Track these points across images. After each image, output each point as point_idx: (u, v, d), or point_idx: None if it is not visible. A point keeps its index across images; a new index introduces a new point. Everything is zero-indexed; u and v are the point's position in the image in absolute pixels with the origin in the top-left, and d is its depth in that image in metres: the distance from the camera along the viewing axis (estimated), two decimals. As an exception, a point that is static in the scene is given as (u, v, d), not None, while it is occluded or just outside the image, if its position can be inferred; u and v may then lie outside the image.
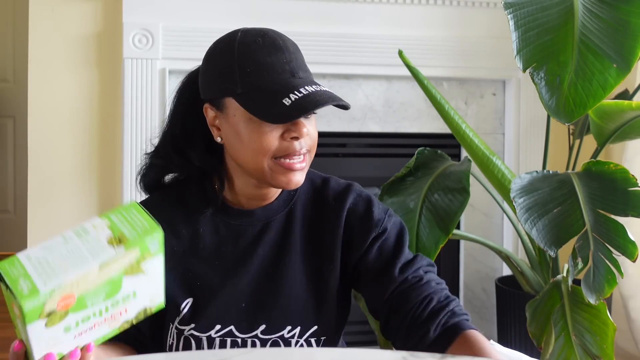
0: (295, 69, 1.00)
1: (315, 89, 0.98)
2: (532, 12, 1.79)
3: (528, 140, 2.73)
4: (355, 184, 1.14)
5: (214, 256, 1.07)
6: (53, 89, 2.50)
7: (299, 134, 0.99)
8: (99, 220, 0.81)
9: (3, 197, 4.34)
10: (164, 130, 1.11)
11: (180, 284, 1.06)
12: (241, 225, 1.08)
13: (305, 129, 0.99)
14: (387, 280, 1.06)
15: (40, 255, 0.76)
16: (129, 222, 0.81)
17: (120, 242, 0.78)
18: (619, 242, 1.58)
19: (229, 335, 1.05)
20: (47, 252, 0.77)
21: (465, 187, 1.90)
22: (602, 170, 1.76)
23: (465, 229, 2.74)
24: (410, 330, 1.02)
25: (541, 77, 1.74)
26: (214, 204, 1.07)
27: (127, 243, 0.78)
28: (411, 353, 0.79)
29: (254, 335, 1.05)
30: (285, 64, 1.00)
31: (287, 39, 1.04)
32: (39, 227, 2.51)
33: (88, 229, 0.80)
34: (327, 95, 0.97)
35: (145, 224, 0.81)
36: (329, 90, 0.99)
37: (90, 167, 2.53)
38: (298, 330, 1.06)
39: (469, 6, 2.68)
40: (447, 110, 2.06)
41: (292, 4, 2.55)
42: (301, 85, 0.98)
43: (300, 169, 1.01)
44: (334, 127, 2.61)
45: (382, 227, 1.09)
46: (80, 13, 2.49)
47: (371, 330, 2.13)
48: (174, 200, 1.10)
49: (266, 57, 0.99)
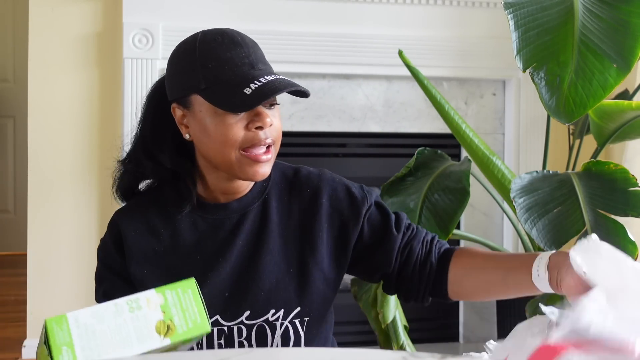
0: (255, 61, 1.05)
1: (274, 78, 1.03)
2: (532, 12, 1.78)
3: (528, 140, 2.73)
4: (324, 170, 1.19)
5: (195, 251, 1.11)
6: (53, 89, 2.50)
7: (262, 124, 1.03)
8: (154, 295, 0.79)
9: (3, 197, 4.34)
10: (135, 136, 1.16)
11: (163, 280, 1.08)
12: (218, 219, 1.12)
13: (268, 119, 1.03)
14: (392, 241, 1.13)
15: (89, 323, 0.75)
16: (182, 309, 0.79)
17: (168, 331, 0.77)
18: (619, 242, 1.58)
19: (215, 325, 1.08)
20: (96, 321, 0.75)
21: (465, 187, 1.90)
22: (602, 170, 1.76)
23: (465, 229, 2.74)
24: (420, 271, 1.12)
25: (541, 77, 1.74)
26: (189, 202, 1.10)
27: (173, 336, 0.77)
28: (411, 353, 0.79)
29: (240, 322, 1.08)
30: (245, 58, 1.04)
31: (245, 36, 1.08)
32: (39, 227, 2.52)
33: (142, 303, 0.78)
34: (285, 82, 1.02)
35: (197, 317, 0.80)
36: (287, 78, 1.04)
37: (90, 167, 2.53)
38: (282, 313, 1.09)
39: (469, 6, 2.68)
40: (447, 110, 2.06)
41: (292, 4, 2.55)
42: (261, 76, 1.02)
43: (266, 160, 1.05)
44: (334, 127, 2.61)
45: (368, 203, 1.15)
46: (80, 13, 2.49)
47: (371, 330, 2.13)
48: (150, 203, 1.14)
49: (226, 52, 1.04)
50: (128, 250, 1.11)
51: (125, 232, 1.12)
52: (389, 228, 1.14)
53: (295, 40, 2.53)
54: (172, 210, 1.11)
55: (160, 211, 1.12)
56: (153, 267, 1.10)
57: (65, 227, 2.53)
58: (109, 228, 1.16)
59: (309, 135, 2.65)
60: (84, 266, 2.54)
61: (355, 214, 1.13)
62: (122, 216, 1.14)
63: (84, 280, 2.54)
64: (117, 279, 1.12)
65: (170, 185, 1.12)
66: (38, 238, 2.52)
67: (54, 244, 2.53)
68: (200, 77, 1.03)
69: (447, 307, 2.84)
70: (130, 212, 1.15)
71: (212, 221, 1.12)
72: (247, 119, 1.03)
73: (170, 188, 1.12)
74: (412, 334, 2.16)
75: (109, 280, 1.13)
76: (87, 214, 2.53)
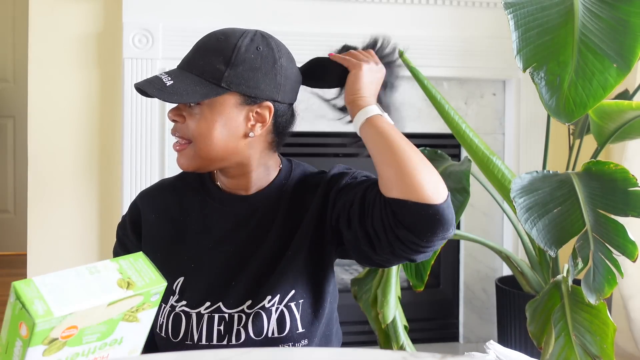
0: (182, 62, 1.12)
1: (154, 77, 1.09)
2: (532, 12, 1.78)
3: (528, 140, 2.73)
4: (335, 167, 1.21)
5: (206, 238, 1.15)
6: (53, 89, 2.50)
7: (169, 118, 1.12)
8: (109, 263, 0.85)
9: (3, 197, 4.34)
10: None
11: (173, 264, 1.14)
12: (231, 210, 1.16)
13: (172, 113, 1.11)
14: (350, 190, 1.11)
15: (55, 283, 0.79)
16: (137, 270, 0.85)
17: (129, 286, 0.82)
18: (619, 242, 1.58)
19: (217, 312, 1.10)
20: (61, 281, 0.80)
21: (465, 187, 1.90)
22: (602, 170, 1.76)
23: (465, 229, 2.74)
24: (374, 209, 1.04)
25: (541, 77, 1.74)
26: (206, 188, 1.18)
27: (134, 288, 0.82)
28: (411, 353, 0.79)
29: (240, 310, 1.10)
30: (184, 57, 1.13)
31: (218, 36, 1.11)
32: (39, 227, 2.52)
33: (99, 267, 0.83)
34: (147, 81, 1.08)
35: (151, 275, 0.85)
36: (162, 80, 1.08)
37: (90, 167, 2.53)
38: (277, 298, 1.11)
39: (469, 6, 2.68)
40: (447, 110, 2.05)
41: (291, 4, 2.55)
42: (162, 72, 1.10)
43: (178, 150, 1.11)
44: (334, 127, 2.60)
45: (330, 177, 1.16)
46: (80, 13, 2.49)
47: (371, 330, 2.13)
48: (172, 188, 1.21)
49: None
50: (145, 232, 1.18)
51: (146, 213, 1.19)
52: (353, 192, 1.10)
53: (295, 40, 2.52)
54: (190, 195, 1.18)
55: (180, 195, 1.19)
56: (164, 251, 1.15)
57: (65, 227, 2.53)
58: (130, 207, 1.22)
59: (309, 135, 2.65)
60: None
61: (327, 193, 1.14)
62: (145, 197, 1.21)
63: (84, 280, 2.54)
64: None
65: (198, 173, 1.19)
66: (38, 238, 2.52)
67: (54, 244, 2.53)
68: None
69: (447, 307, 2.84)
70: (153, 194, 1.21)
71: (226, 211, 1.16)
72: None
73: (197, 175, 1.19)
74: (412, 334, 2.16)
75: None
76: (87, 214, 2.53)
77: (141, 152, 2.46)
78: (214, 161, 1.11)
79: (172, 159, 2.48)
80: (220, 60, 1.07)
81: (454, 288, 2.82)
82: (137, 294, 0.82)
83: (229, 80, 1.07)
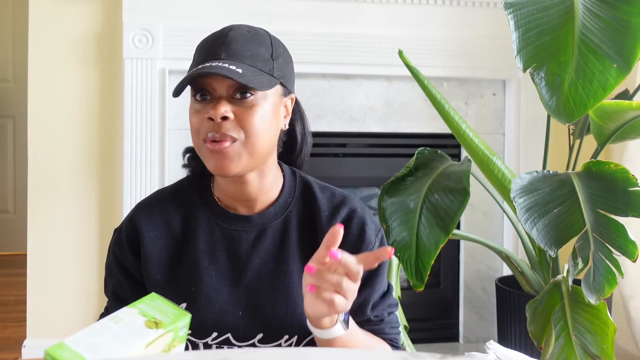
0: (220, 52, 1.00)
1: (217, 64, 0.97)
2: (532, 12, 1.78)
3: (528, 140, 2.73)
4: (351, 196, 1.13)
5: (209, 260, 1.07)
6: (53, 89, 2.50)
7: (213, 115, 0.98)
8: (129, 310, 0.83)
9: (3, 197, 4.34)
10: None
11: (174, 287, 1.07)
12: (236, 230, 1.08)
13: (223, 109, 0.98)
14: (360, 313, 1.08)
15: (87, 340, 0.77)
16: (159, 310, 0.84)
17: (157, 325, 0.81)
18: (619, 242, 1.58)
19: (226, 343, 1.05)
20: (92, 337, 0.78)
21: (465, 187, 1.90)
22: (603, 170, 1.76)
23: (465, 229, 2.74)
24: None
25: (541, 77, 1.74)
26: (205, 203, 1.10)
27: (163, 326, 0.81)
28: (411, 353, 0.79)
29: (251, 343, 1.05)
30: (215, 48, 1.00)
31: (247, 32, 1.04)
32: (39, 227, 2.52)
33: (121, 316, 0.82)
34: (218, 68, 0.96)
35: (174, 310, 0.84)
36: (234, 69, 0.97)
37: (90, 167, 2.53)
38: (295, 340, 1.05)
39: (469, 6, 2.68)
40: (447, 110, 2.05)
41: (292, 4, 2.55)
42: (208, 62, 0.98)
43: (218, 150, 0.98)
44: (334, 127, 2.61)
45: (374, 248, 1.09)
46: (80, 13, 2.49)
47: (371, 330, 2.12)
48: (172, 201, 1.12)
49: (204, 43, 1.04)
50: (145, 252, 1.08)
51: (144, 232, 1.08)
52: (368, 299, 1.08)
53: (295, 40, 2.52)
54: (191, 210, 1.09)
55: (180, 211, 1.10)
56: (168, 274, 1.08)
57: (65, 227, 2.53)
58: (128, 222, 1.11)
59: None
60: (84, 266, 2.54)
61: (352, 248, 1.03)
62: (143, 212, 1.10)
63: (84, 280, 2.54)
64: (126, 280, 1.10)
65: (192, 183, 1.12)
66: (38, 238, 2.52)
67: (54, 244, 2.53)
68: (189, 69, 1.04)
69: (447, 307, 2.84)
70: (151, 209, 1.10)
71: (228, 231, 1.08)
72: (208, 108, 0.99)
73: (192, 186, 1.12)
74: (412, 334, 2.16)
75: (117, 279, 1.11)
76: (87, 213, 2.53)
77: (141, 152, 2.46)
78: (262, 158, 1.03)
79: (172, 159, 2.49)
80: (264, 51, 1.02)
81: (454, 288, 2.82)
82: (168, 331, 0.81)
83: (277, 71, 1.03)
